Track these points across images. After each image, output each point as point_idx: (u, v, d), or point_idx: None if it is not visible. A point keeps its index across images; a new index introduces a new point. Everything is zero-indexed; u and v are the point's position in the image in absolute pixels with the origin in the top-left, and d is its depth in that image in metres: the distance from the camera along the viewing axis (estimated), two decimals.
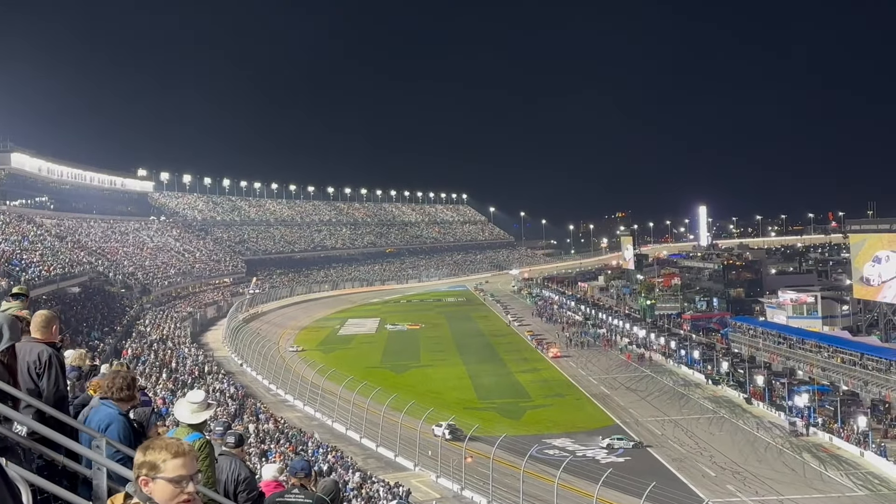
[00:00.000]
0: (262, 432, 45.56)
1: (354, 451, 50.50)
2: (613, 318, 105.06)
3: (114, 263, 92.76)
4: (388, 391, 58.96)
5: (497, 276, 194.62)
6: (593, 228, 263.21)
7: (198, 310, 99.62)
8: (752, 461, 50.31)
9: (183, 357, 60.75)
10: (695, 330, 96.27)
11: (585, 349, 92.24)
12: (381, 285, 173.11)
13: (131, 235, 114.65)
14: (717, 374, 73.44)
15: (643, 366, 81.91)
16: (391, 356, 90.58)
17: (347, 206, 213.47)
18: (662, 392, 70.18)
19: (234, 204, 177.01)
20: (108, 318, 63.28)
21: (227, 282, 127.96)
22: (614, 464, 48.52)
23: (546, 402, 67.06)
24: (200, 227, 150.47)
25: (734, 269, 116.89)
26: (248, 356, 74.94)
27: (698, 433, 56.48)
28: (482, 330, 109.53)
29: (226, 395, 53.80)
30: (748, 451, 52.48)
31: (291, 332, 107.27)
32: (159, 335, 66.24)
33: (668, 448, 52.87)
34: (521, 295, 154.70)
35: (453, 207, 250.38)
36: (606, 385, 72.62)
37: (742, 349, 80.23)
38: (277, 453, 39.90)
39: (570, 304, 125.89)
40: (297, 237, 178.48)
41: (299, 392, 63.13)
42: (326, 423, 56.83)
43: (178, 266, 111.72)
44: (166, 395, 42.10)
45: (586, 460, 49.35)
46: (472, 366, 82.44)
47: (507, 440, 47.03)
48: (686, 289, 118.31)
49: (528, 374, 78.86)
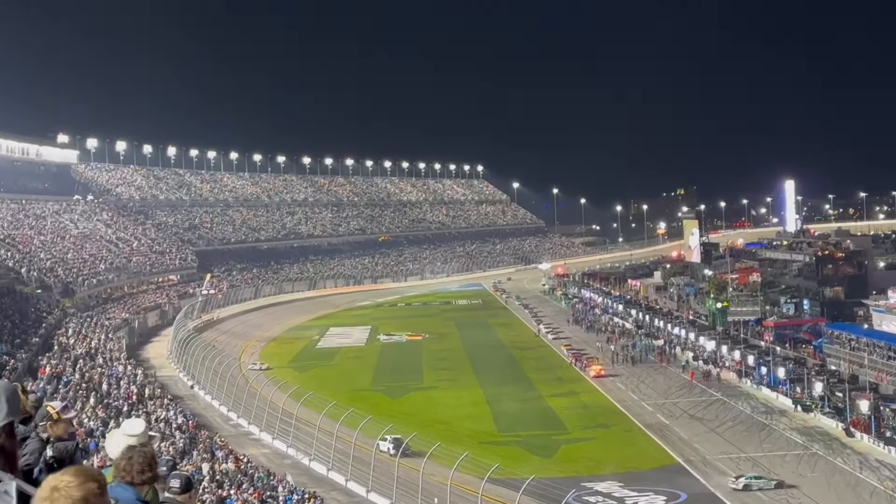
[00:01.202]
0: (219, 474, 45.66)
1: (338, 498, 50.57)
2: (673, 325, 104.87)
3: (26, 256, 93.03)
4: (381, 421, 58.98)
5: (522, 271, 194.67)
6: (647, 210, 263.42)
7: (136, 316, 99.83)
8: None
9: (117, 377, 60.84)
10: (779, 341, 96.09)
11: (637, 366, 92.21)
12: (372, 284, 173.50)
13: (49, 220, 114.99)
14: (809, 399, 73.27)
15: (711, 387, 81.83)
16: (385, 375, 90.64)
17: (329, 182, 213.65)
18: (737, 421, 70.07)
19: (182, 179, 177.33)
20: (19, 328, 63.42)
21: (173, 280, 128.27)
22: None
23: (586, 435, 67.03)
24: (139, 208, 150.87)
25: (831, 262, 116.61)
26: (201, 376, 75.02)
27: (784, 474, 56.36)
28: (503, 341, 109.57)
29: (172, 425, 53.92)
30: (848, 498, 52.36)
31: (256, 345, 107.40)
32: (86, 349, 66.30)
33: (745, 495, 52.81)
34: (553, 296, 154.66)
35: (466, 183, 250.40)
36: (664, 412, 72.57)
37: (841, 366, 80.00)
38: (239, 500, 40.00)
39: (616, 307, 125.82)
40: (263, 222, 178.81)
41: (267, 422, 63.18)
42: (302, 463, 56.88)
43: (109, 259, 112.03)
44: (95, 425, 42.25)
45: None
46: (491, 388, 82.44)
47: (537, 484, 46.98)
48: (768, 288, 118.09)
49: (564, 398, 78.83)
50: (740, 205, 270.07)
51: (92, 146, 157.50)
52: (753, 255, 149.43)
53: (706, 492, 53.42)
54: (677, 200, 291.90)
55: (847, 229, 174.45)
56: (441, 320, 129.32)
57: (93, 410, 48.19)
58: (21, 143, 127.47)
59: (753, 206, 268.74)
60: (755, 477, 54.77)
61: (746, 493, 53.01)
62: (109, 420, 44.76)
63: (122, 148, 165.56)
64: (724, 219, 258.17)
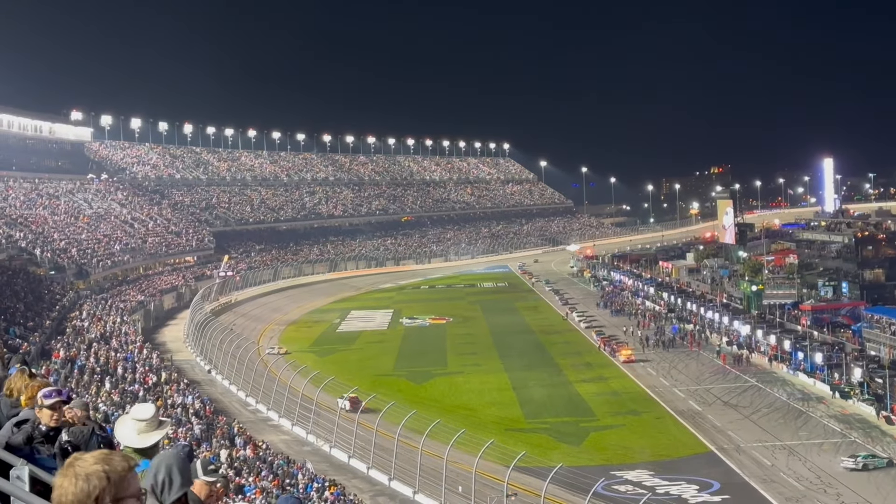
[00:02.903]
0: (237, 461, 45.85)
1: (360, 486, 50.66)
2: (706, 309, 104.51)
3: (40, 237, 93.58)
4: (404, 407, 59.03)
5: (550, 253, 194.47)
6: (679, 189, 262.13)
7: (151, 298, 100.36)
8: (895, 501, 49.92)
9: (132, 361, 61.20)
10: (817, 325, 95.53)
11: (668, 351, 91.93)
12: (394, 266, 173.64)
13: (63, 199, 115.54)
14: (848, 385, 72.88)
15: (746, 373, 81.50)
16: (408, 360, 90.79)
17: (350, 161, 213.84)
18: (772, 408, 69.78)
19: (199, 157, 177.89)
20: (32, 310, 63.81)
21: (189, 261, 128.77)
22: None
23: (616, 422, 66.89)
24: (154, 187, 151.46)
25: (871, 244, 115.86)
26: (219, 360, 75.33)
27: (821, 464, 56.09)
28: (530, 325, 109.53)
29: (189, 411, 54.15)
30: (889, 488, 52.05)
31: (276, 329, 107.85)
32: (100, 332, 66.74)
33: (780, 484, 52.57)
34: (581, 278, 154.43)
35: (492, 161, 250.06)
36: (696, 399, 72.34)
37: (882, 351, 79.55)
38: (258, 489, 40.12)
39: (647, 290, 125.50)
40: (282, 202, 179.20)
41: (286, 408, 63.36)
42: (322, 450, 57.02)
43: (124, 240, 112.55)
44: (111, 410, 42.43)
45: (670, 500, 49.20)
46: (517, 373, 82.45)
47: (565, 472, 46.90)
48: (805, 270, 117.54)
49: (592, 384, 78.73)
50: (776, 184, 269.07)
51: (106, 123, 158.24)
52: (790, 235, 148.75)
53: (740, 481, 53.22)
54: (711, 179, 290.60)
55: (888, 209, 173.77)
56: (466, 303, 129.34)
57: (108, 395, 48.46)
58: (34, 120, 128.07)
59: (790, 186, 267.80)
60: (870, 456, 55.69)
61: (867, 472, 53.81)
62: (125, 405, 44.93)
63: (136, 125, 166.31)
64: (759, 198, 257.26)
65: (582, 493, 44.48)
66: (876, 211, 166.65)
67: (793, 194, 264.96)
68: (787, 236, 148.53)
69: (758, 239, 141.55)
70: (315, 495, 43.34)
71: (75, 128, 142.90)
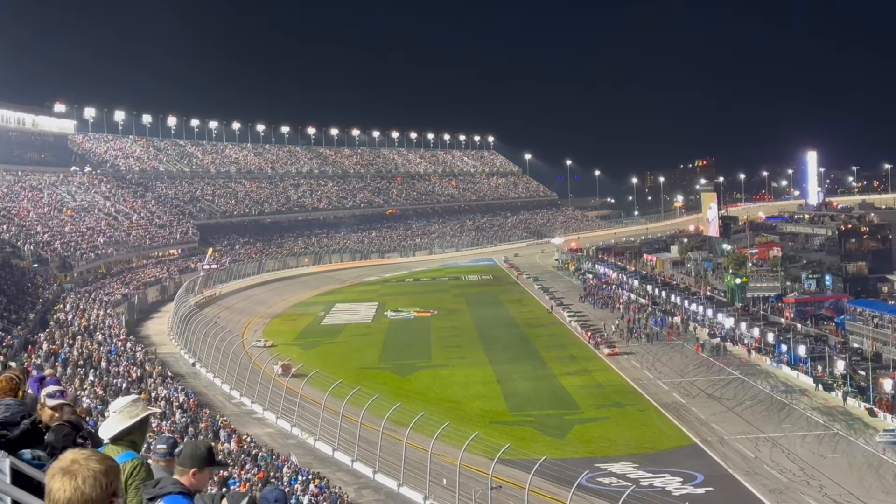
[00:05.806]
0: (221, 453, 45.81)
1: (344, 479, 50.65)
2: (690, 301, 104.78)
3: (22, 229, 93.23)
4: (388, 399, 58.98)
5: (534, 245, 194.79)
6: (664, 182, 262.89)
7: (135, 291, 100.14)
8: (877, 492, 50.07)
9: (116, 354, 61.10)
10: (800, 318, 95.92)
11: (653, 344, 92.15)
12: (379, 259, 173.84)
13: (46, 192, 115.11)
14: (831, 378, 73.19)
15: (730, 365, 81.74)
16: (393, 353, 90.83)
17: (334, 153, 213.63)
18: (756, 401, 70.02)
19: (183, 150, 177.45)
20: (15, 303, 63.62)
21: (174, 254, 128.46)
22: (692, 496, 48.51)
23: (600, 415, 66.99)
24: (138, 180, 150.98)
25: (854, 237, 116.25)
26: (203, 353, 75.21)
27: (804, 456, 56.32)
28: (515, 318, 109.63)
29: (173, 404, 54.12)
30: (871, 480, 52.26)
31: (260, 322, 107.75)
32: (84, 324, 66.61)
33: (763, 475, 52.74)
34: (566, 271, 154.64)
35: (476, 154, 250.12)
36: (680, 391, 72.54)
37: (864, 344, 79.88)
38: (242, 481, 40.12)
39: (632, 283, 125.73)
40: (266, 194, 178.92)
41: (270, 401, 63.33)
42: (307, 442, 57.04)
43: (108, 233, 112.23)
44: (94, 404, 42.36)
45: (654, 492, 49.31)
46: (502, 366, 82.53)
47: (549, 465, 46.98)
48: (789, 262, 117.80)
49: (577, 376, 78.85)
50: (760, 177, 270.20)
51: (90, 116, 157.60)
52: (774, 228, 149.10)
53: (724, 473, 53.40)
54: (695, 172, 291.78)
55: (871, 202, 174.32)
56: (450, 296, 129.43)
57: (91, 388, 48.35)
58: (16, 112, 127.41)
59: (774, 179, 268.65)
60: None
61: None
62: (108, 398, 44.86)
63: (120, 118, 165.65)
64: (743, 191, 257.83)
65: (566, 486, 44.57)
66: (859, 204, 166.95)
67: (777, 187, 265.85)
68: (770, 229, 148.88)
69: (742, 232, 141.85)
70: (299, 488, 43.38)
71: (59, 120, 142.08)
